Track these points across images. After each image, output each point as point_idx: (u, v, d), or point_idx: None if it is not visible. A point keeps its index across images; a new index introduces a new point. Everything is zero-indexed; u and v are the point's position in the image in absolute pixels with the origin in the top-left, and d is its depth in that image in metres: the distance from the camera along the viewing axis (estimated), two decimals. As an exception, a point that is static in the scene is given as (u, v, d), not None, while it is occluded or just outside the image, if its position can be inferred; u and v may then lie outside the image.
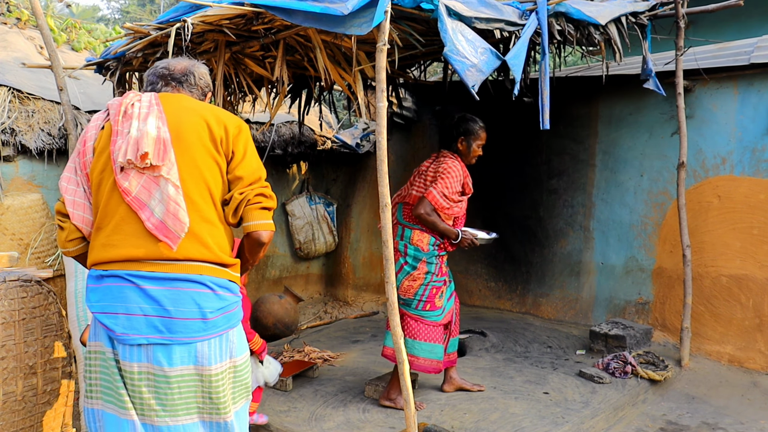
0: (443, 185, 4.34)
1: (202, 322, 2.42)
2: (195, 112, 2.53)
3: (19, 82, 5.24)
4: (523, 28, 3.72)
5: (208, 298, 2.44)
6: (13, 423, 3.21)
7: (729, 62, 5.44)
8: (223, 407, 2.48)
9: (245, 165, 2.53)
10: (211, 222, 2.47)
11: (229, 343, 2.50)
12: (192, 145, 2.46)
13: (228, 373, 2.50)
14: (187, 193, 2.43)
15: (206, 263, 2.45)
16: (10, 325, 3.15)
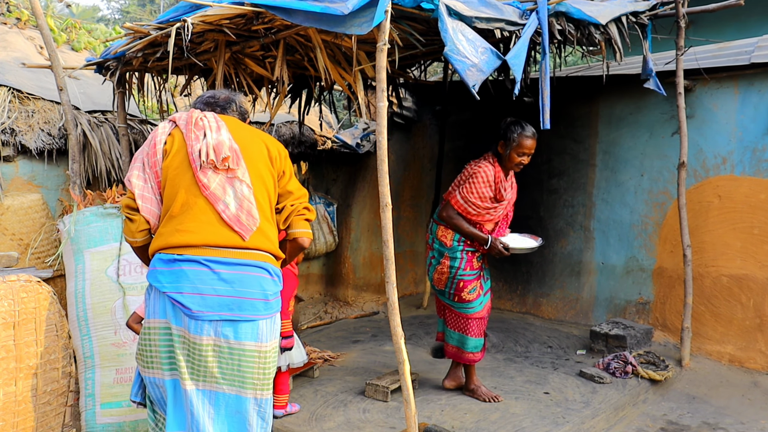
0: (468, 190, 4.36)
1: (264, 302, 2.78)
2: (253, 133, 2.98)
3: (19, 82, 5.24)
4: (524, 27, 3.72)
5: (269, 282, 2.82)
6: (13, 423, 3.20)
7: (729, 62, 5.43)
8: (266, 384, 2.82)
9: (293, 183, 3.01)
10: (271, 222, 2.90)
11: (276, 325, 2.86)
12: (256, 158, 2.88)
13: (272, 353, 2.83)
14: (257, 196, 2.84)
15: (268, 253, 2.85)
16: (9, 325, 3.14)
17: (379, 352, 5.67)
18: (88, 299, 4.18)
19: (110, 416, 4.10)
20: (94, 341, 4.16)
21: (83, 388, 4.16)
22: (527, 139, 4.34)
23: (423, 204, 7.82)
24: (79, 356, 4.16)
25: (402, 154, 7.57)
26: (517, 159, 4.39)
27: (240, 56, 4.35)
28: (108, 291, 4.19)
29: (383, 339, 6.05)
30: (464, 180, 4.45)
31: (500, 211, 4.48)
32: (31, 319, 3.24)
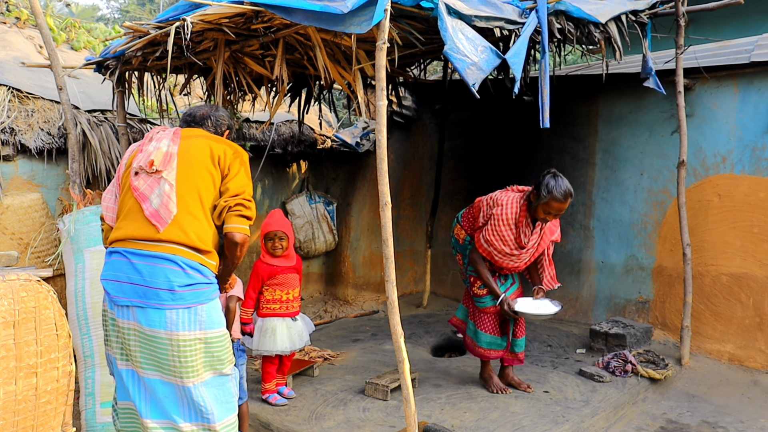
0: (489, 232, 4.40)
1: (171, 293, 2.95)
2: (203, 138, 3.22)
3: (18, 82, 5.24)
4: (523, 26, 3.72)
5: (178, 274, 2.98)
6: (13, 422, 3.20)
7: (729, 60, 5.43)
8: (185, 372, 2.98)
9: (235, 181, 3.12)
10: (195, 216, 3.05)
11: (198, 317, 2.98)
12: (194, 160, 3.11)
13: (198, 342, 2.98)
14: (180, 192, 3.06)
15: (183, 246, 3.01)
16: (9, 325, 3.14)
17: (379, 351, 5.68)
18: (87, 298, 4.18)
19: (110, 415, 4.10)
20: (94, 340, 4.16)
21: (83, 387, 4.17)
22: (557, 201, 4.20)
23: (423, 203, 7.82)
24: (79, 355, 4.16)
25: (402, 153, 7.57)
26: (542, 215, 4.28)
27: (239, 55, 4.35)
28: (108, 290, 4.19)
29: (383, 338, 6.05)
30: (486, 216, 4.45)
31: (525, 258, 4.43)
32: (31, 318, 3.23)
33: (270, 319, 4.40)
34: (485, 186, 7.19)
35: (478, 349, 4.68)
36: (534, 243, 4.40)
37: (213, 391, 3.08)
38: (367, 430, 4.07)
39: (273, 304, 4.39)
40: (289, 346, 4.43)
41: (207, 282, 3.05)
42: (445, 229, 7.64)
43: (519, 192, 4.47)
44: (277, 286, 4.37)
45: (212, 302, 3.06)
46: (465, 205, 7.34)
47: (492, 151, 7.17)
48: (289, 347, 4.43)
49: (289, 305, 4.44)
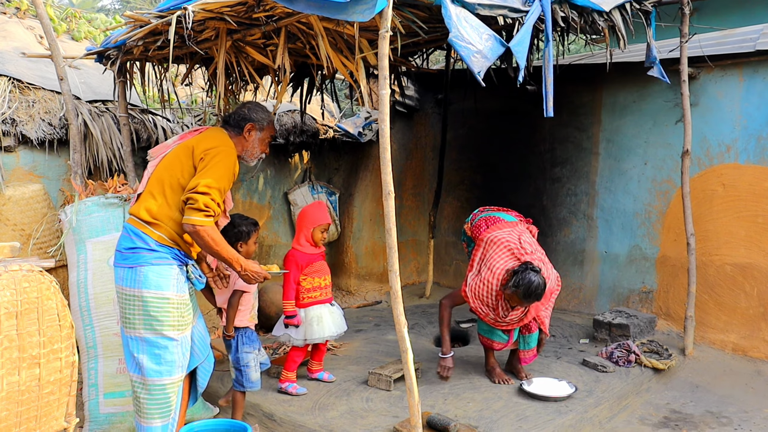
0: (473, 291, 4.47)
1: (119, 254, 3.49)
2: (198, 135, 3.65)
3: (19, 72, 5.21)
4: (527, 14, 3.68)
5: (126, 239, 3.49)
6: (16, 413, 3.20)
7: (734, 49, 5.40)
8: (126, 322, 3.47)
9: (197, 177, 3.43)
10: (152, 195, 3.50)
11: (138, 276, 3.40)
12: (175, 152, 3.58)
13: (136, 299, 3.41)
14: (152, 177, 3.57)
15: (134, 217, 3.50)
16: (12, 315, 3.13)
17: (382, 342, 5.67)
18: (90, 289, 4.18)
19: (113, 406, 4.10)
20: (96, 331, 4.15)
21: (86, 378, 4.17)
22: (518, 298, 4.16)
23: (425, 193, 7.80)
24: (81, 346, 4.16)
25: (404, 143, 7.55)
26: (509, 302, 4.31)
27: (241, 44, 4.32)
28: (110, 281, 4.17)
29: (386, 328, 6.05)
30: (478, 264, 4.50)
31: (511, 324, 4.47)
32: (34, 309, 3.22)
33: (313, 307, 4.52)
34: (488, 176, 7.19)
35: (479, 335, 4.71)
36: (516, 317, 4.41)
37: (149, 348, 3.44)
38: (370, 420, 4.07)
39: (313, 292, 4.52)
40: (336, 331, 4.59)
41: (148, 248, 3.43)
42: (448, 220, 7.62)
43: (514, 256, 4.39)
44: (314, 274, 4.50)
45: (152, 267, 3.41)
46: (467, 195, 7.36)
47: (495, 140, 7.15)
48: (335, 332, 4.59)
49: (327, 291, 4.60)
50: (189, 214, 3.36)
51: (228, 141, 3.63)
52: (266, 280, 3.73)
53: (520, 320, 4.45)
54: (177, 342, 3.47)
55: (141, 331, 3.43)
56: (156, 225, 3.46)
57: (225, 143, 3.58)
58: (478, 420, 4.04)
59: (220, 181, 3.43)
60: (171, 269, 3.47)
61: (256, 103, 3.83)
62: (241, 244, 4.07)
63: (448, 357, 4.67)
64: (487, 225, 4.67)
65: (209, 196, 3.36)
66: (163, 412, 3.49)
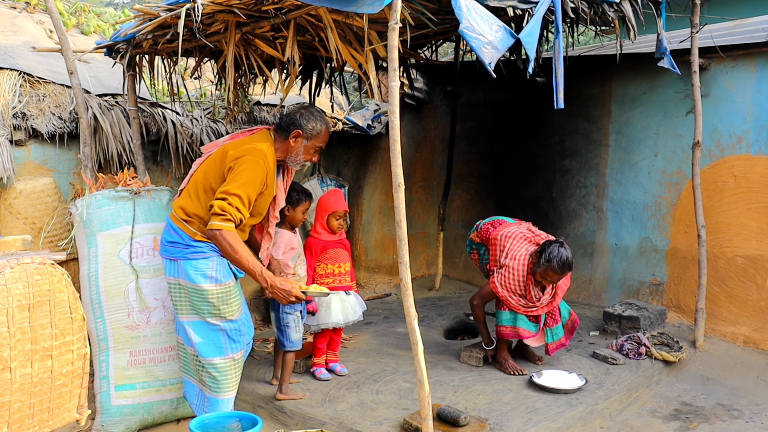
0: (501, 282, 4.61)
1: (163, 246, 3.78)
2: (235, 142, 3.79)
3: (29, 66, 5.23)
4: (537, 5, 3.66)
5: (167, 232, 3.77)
6: (30, 404, 3.23)
7: (745, 39, 5.36)
8: (179, 309, 3.78)
9: (225, 185, 3.56)
10: (189, 194, 3.74)
11: (179, 268, 3.67)
12: (217, 155, 3.75)
13: (179, 287, 3.72)
14: (195, 177, 3.80)
15: (174, 214, 3.74)
16: (25, 308, 3.16)
17: (392, 334, 5.68)
18: (101, 282, 4.19)
19: (124, 398, 4.12)
20: (107, 324, 4.17)
21: (97, 371, 4.19)
22: (554, 272, 4.39)
23: (434, 185, 7.79)
24: (93, 339, 4.18)
25: (413, 135, 7.54)
26: (539, 278, 4.49)
27: (250, 37, 4.31)
28: (121, 274, 4.20)
29: (396, 321, 6.05)
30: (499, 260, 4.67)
31: (541, 309, 4.61)
32: (46, 302, 3.25)
33: None
34: (498, 168, 7.17)
35: (496, 326, 4.71)
36: (546, 299, 4.59)
37: (200, 331, 3.74)
38: (380, 412, 4.07)
39: (326, 278, 4.57)
40: (343, 319, 4.60)
41: (184, 244, 3.65)
42: (458, 212, 7.61)
43: (532, 242, 4.64)
44: (328, 261, 4.56)
45: (189, 261, 3.64)
46: (476, 187, 7.35)
47: (504, 132, 7.13)
48: (342, 320, 4.60)
49: (342, 278, 4.62)
50: (210, 220, 3.53)
51: (262, 149, 3.66)
52: (299, 300, 3.68)
53: (549, 303, 4.60)
54: (220, 327, 3.72)
55: (189, 315, 3.75)
56: (189, 221, 3.66)
57: (256, 152, 3.63)
58: (488, 412, 4.04)
59: (241, 189, 3.53)
60: (208, 261, 3.64)
61: (311, 111, 3.88)
62: (289, 208, 4.29)
63: (491, 348, 4.80)
64: (494, 227, 4.88)
65: (226, 201, 3.49)
66: (222, 388, 3.77)
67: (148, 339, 4.20)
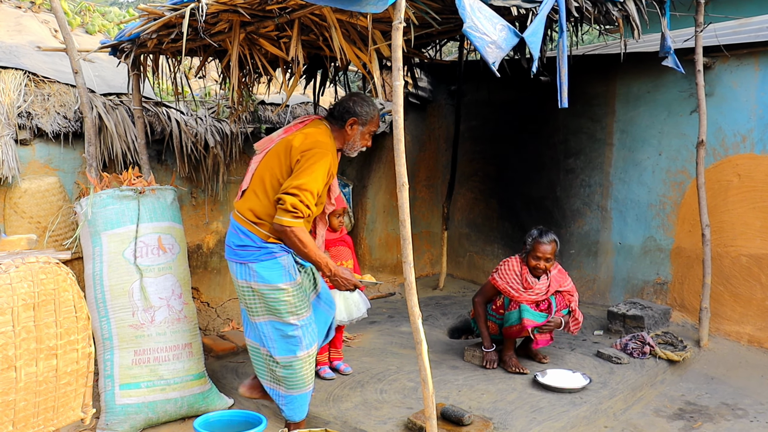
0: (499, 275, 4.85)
1: (230, 249, 3.74)
2: (299, 130, 3.73)
3: (34, 66, 5.24)
4: (541, 5, 3.66)
5: (234, 236, 3.72)
6: (34, 403, 3.24)
7: (750, 38, 5.35)
8: (249, 310, 3.79)
9: (292, 178, 3.56)
10: (255, 193, 3.70)
11: (250, 271, 3.66)
12: (276, 148, 3.73)
13: (250, 290, 3.70)
14: (256, 173, 3.76)
15: (240, 215, 3.71)
16: (30, 307, 3.16)
17: (396, 333, 5.68)
18: (105, 281, 4.20)
19: (129, 397, 4.13)
20: (112, 323, 4.18)
21: (102, 370, 4.20)
22: (540, 244, 4.66)
23: (438, 185, 7.79)
24: (97, 338, 4.19)
25: (417, 135, 7.54)
26: (533, 263, 4.69)
27: (255, 36, 4.31)
28: (125, 273, 4.21)
29: (400, 320, 6.06)
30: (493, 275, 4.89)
31: (540, 293, 4.71)
32: (51, 301, 3.25)
33: None
34: (502, 167, 7.17)
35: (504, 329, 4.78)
36: (542, 286, 4.71)
37: (275, 332, 3.75)
38: (384, 411, 4.08)
39: None
40: (346, 317, 4.66)
41: (256, 246, 3.64)
42: (462, 211, 7.61)
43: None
44: (332, 259, 4.46)
45: (262, 262, 3.64)
46: (481, 187, 7.35)
47: (508, 131, 7.12)
48: (346, 317, 4.66)
49: None
50: (279, 215, 3.52)
51: (326, 140, 3.70)
52: (356, 288, 3.84)
53: (547, 290, 4.69)
54: (298, 326, 3.74)
55: (264, 317, 3.76)
56: (261, 224, 3.65)
57: (322, 144, 3.65)
58: (492, 411, 4.05)
59: (312, 184, 3.55)
60: (280, 261, 3.68)
61: (362, 97, 3.90)
62: None
63: (491, 351, 4.81)
64: None
65: (298, 198, 3.49)
66: (300, 384, 3.81)
67: (153, 338, 4.21)
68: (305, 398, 3.87)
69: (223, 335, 5.65)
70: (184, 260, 4.52)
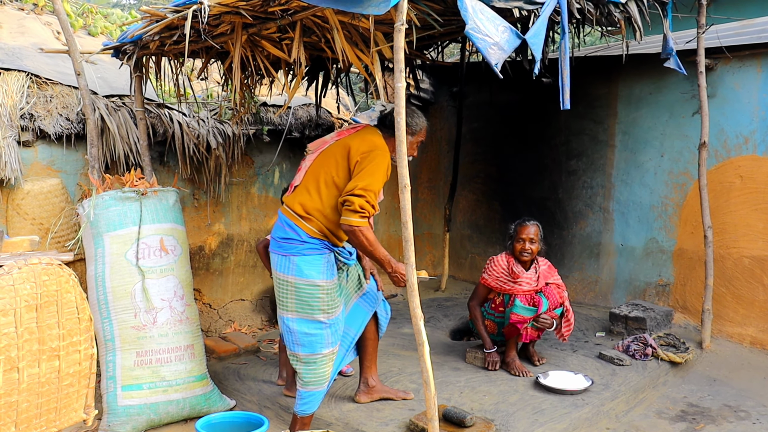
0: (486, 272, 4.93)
1: (275, 241, 3.82)
2: (355, 134, 3.88)
3: (37, 68, 5.25)
4: (543, 6, 3.66)
5: (280, 229, 3.82)
6: (37, 404, 3.24)
7: (752, 40, 5.35)
8: (281, 304, 3.83)
9: (355, 179, 3.65)
10: (307, 190, 3.78)
11: (291, 264, 3.73)
12: (332, 149, 3.82)
13: (288, 284, 3.76)
14: (308, 171, 3.85)
15: (289, 209, 3.80)
16: (32, 308, 3.17)
17: (398, 335, 5.68)
18: (107, 283, 4.21)
19: (131, 398, 4.13)
20: (114, 324, 4.19)
21: (104, 371, 4.20)
22: (523, 227, 4.82)
23: (440, 186, 7.79)
24: (99, 339, 4.20)
25: (419, 137, 7.53)
26: (519, 248, 4.79)
27: (257, 38, 4.32)
28: (128, 274, 4.22)
29: (401, 322, 6.05)
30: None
31: (531, 282, 4.76)
32: (53, 302, 3.26)
33: None
34: (504, 169, 7.17)
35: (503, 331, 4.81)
36: (531, 277, 4.77)
37: (300, 328, 3.79)
38: (386, 413, 4.08)
39: None
40: None
41: (300, 240, 3.72)
42: (464, 213, 7.61)
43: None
44: None
45: (304, 257, 3.72)
46: (483, 188, 7.35)
47: (510, 133, 7.12)
48: None
49: None
50: (346, 215, 3.60)
51: (382, 143, 3.81)
52: None
53: (537, 280, 4.76)
54: (326, 324, 3.80)
55: (293, 313, 3.80)
56: (308, 219, 3.74)
57: (380, 147, 3.76)
58: (494, 413, 4.04)
59: (375, 184, 3.67)
60: (321, 258, 3.77)
61: (413, 109, 4.02)
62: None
63: (492, 351, 4.81)
64: None
65: (364, 199, 3.59)
66: (318, 381, 3.84)
67: (155, 339, 4.21)
68: (320, 395, 3.90)
69: (225, 337, 5.65)
70: (186, 262, 4.53)
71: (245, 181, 6.20)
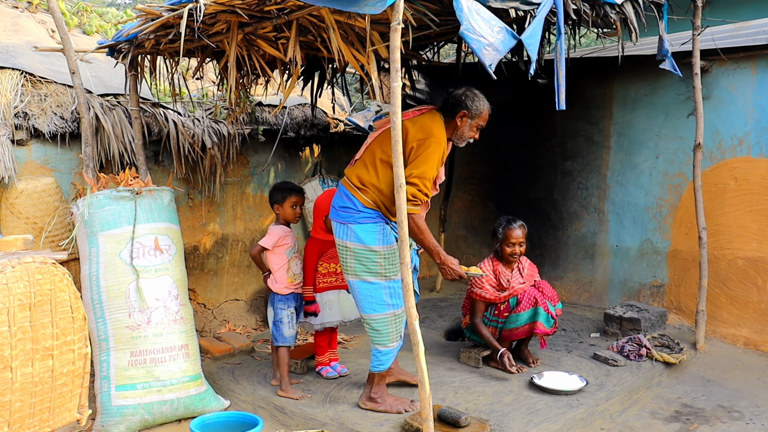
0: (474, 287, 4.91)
1: (334, 210, 4.06)
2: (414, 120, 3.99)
3: (31, 66, 5.23)
4: (539, 7, 3.66)
5: (339, 198, 4.06)
6: (30, 404, 3.23)
7: (747, 42, 5.36)
8: (346, 269, 4.05)
9: (411, 165, 3.80)
10: (365, 164, 4.03)
11: (349, 231, 3.96)
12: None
13: (347, 249, 3.99)
14: (369, 148, 4.10)
15: (348, 180, 4.05)
16: (26, 307, 3.16)
17: (392, 335, 5.67)
18: (102, 282, 4.19)
19: (125, 398, 4.12)
20: (108, 324, 4.17)
21: (98, 371, 4.19)
22: (511, 230, 4.82)
23: (435, 187, 7.78)
24: (93, 339, 4.19)
25: (414, 137, 7.52)
26: (508, 251, 4.83)
27: (252, 37, 4.32)
28: (122, 274, 4.21)
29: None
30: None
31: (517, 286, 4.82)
32: (47, 301, 3.25)
33: (327, 292, 4.68)
34: (499, 169, 7.17)
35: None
36: (518, 281, 4.83)
37: (364, 290, 3.99)
38: (381, 413, 4.07)
39: (329, 277, 4.67)
40: (340, 318, 4.74)
41: (356, 209, 3.95)
42: (459, 213, 7.62)
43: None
44: (331, 260, 4.62)
45: (359, 224, 3.94)
46: (478, 189, 7.36)
47: (505, 134, 7.12)
48: (339, 318, 4.74)
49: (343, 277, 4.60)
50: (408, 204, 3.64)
51: (439, 130, 3.98)
52: (461, 278, 4.10)
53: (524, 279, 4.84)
54: (386, 286, 3.98)
55: (354, 276, 4.00)
56: (364, 190, 3.95)
57: (436, 134, 3.93)
58: (488, 413, 4.04)
59: (429, 172, 3.84)
60: (376, 226, 3.97)
61: (475, 93, 4.21)
62: (277, 207, 4.55)
63: (503, 350, 4.77)
64: None
65: (416, 187, 3.76)
66: (383, 340, 4.03)
67: (149, 339, 4.20)
68: (390, 353, 4.07)
69: (219, 337, 5.64)
70: (181, 261, 4.52)
71: (240, 180, 6.19)
